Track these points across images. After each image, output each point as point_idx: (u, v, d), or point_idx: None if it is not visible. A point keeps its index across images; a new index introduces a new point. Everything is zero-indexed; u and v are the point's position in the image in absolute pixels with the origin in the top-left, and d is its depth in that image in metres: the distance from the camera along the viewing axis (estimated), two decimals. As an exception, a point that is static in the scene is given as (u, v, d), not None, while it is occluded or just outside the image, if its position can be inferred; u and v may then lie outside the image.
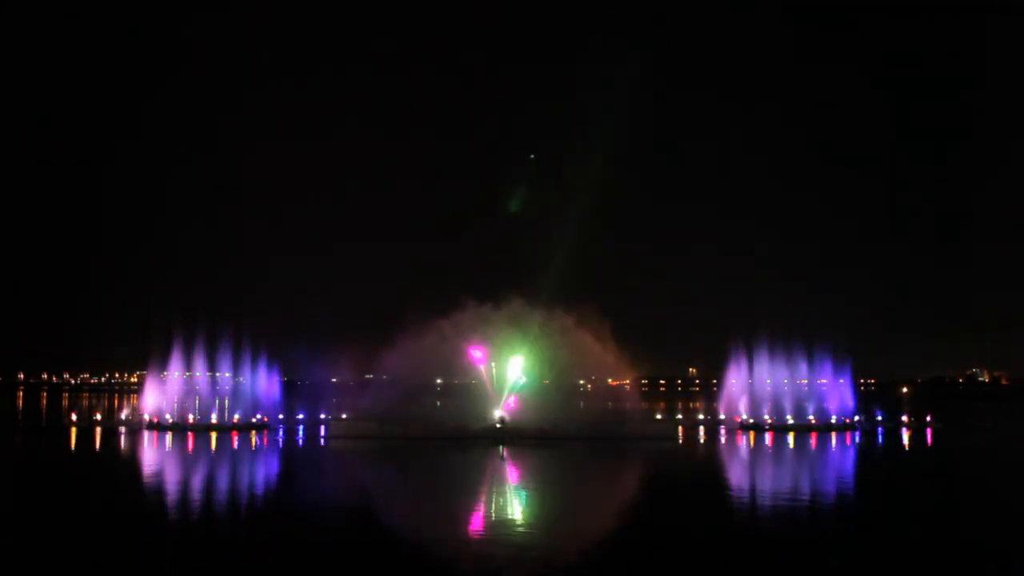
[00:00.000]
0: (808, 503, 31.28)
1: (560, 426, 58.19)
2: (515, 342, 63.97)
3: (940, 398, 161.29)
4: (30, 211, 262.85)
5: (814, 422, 68.07)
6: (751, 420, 69.09)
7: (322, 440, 58.65)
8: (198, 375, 70.56)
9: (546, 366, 65.52)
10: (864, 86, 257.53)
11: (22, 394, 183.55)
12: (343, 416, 66.06)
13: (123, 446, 53.09)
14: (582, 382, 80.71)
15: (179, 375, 70.24)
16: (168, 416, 65.62)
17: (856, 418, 70.58)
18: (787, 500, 31.80)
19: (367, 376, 77.50)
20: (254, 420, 66.33)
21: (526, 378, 63.91)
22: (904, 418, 77.49)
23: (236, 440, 56.37)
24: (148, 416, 65.82)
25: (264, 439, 57.86)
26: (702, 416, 77.18)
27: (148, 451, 49.77)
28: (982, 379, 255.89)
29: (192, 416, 65.93)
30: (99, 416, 72.56)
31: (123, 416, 70.31)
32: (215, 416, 66.44)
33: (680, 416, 79.92)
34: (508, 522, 27.23)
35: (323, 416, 70.04)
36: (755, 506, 30.44)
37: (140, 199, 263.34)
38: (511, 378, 63.44)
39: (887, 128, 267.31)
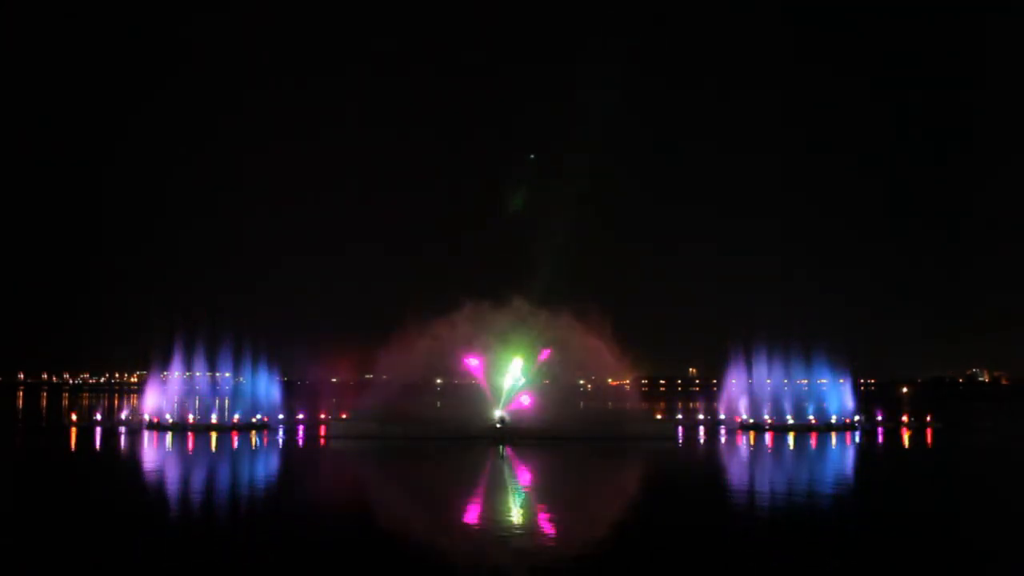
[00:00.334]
0: (808, 503, 31.26)
1: (560, 426, 58.18)
2: (515, 342, 63.89)
3: (940, 398, 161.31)
4: (30, 211, 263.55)
5: (814, 422, 68.02)
6: (751, 420, 69.03)
7: (322, 440, 58.66)
8: (198, 375, 70.61)
9: (546, 366, 65.43)
10: (864, 86, 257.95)
11: (22, 394, 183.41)
12: (343, 416, 66.07)
13: (123, 446, 53.08)
14: (582, 382, 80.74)
15: (179, 375, 70.31)
16: (168, 416, 65.58)
17: (856, 418, 70.58)
18: (787, 500, 31.80)
19: (367, 376, 77.55)
20: (254, 420, 66.27)
21: (524, 379, 63.86)
22: (904, 418, 77.56)
23: (236, 440, 56.35)
24: (148, 416, 65.77)
25: (264, 439, 57.85)
26: (702, 416, 77.03)
27: (148, 451, 49.76)
28: (982, 379, 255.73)
29: (192, 416, 65.92)
30: (99, 416, 72.44)
31: (123, 416, 70.33)
32: (215, 416, 66.44)
33: (680, 416, 79.77)
34: (508, 522, 27.23)
35: (323, 416, 70.06)
36: (755, 506, 30.43)
37: (140, 199, 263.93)
38: (510, 380, 63.35)
39: (887, 128, 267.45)
